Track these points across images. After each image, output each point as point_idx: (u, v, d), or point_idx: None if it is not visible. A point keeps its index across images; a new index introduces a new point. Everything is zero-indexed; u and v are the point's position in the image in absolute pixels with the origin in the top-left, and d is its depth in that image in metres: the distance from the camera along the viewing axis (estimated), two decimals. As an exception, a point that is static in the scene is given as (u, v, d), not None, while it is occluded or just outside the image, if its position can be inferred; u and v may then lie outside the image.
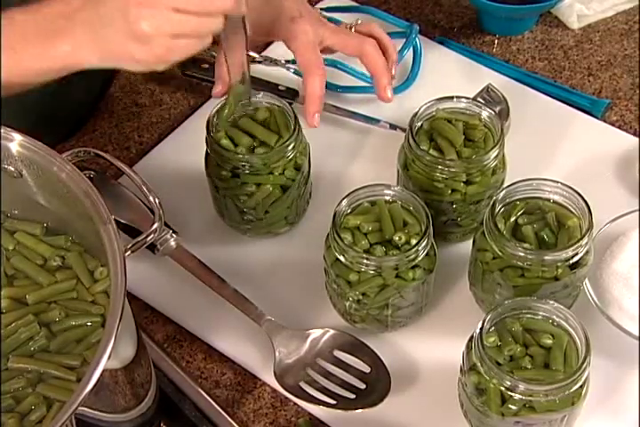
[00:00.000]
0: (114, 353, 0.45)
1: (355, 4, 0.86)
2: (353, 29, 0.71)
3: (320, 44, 0.67)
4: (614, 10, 0.84)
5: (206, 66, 0.80)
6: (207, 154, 0.66)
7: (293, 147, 0.64)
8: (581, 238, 0.58)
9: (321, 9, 0.84)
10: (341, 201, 0.61)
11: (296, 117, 0.64)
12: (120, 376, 0.51)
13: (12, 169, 0.53)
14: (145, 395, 0.56)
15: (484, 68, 0.80)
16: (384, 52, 0.69)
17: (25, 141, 0.52)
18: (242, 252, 0.70)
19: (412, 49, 0.79)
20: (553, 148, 0.75)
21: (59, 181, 0.52)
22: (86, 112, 0.80)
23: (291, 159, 0.64)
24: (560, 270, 0.59)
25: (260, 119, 0.65)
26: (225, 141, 0.64)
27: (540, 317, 0.56)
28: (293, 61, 0.80)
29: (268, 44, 0.83)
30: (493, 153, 0.63)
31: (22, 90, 0.58)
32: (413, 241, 0.59)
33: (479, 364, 0.54)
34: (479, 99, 0.74)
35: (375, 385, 0.62)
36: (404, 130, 0.72)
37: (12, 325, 0.52)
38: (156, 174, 0.74)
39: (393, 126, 0.76)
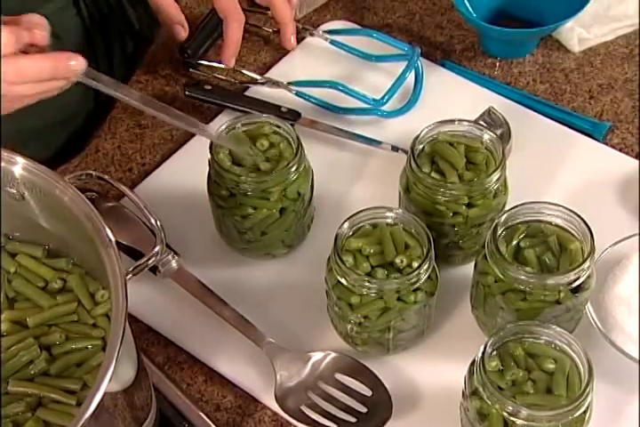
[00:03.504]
0: (114, 376, 0.45)
1: (357, 26, 0.86)
2: None
3: None
4: (615, 34, 0.84)
5: (209, 87, 0.80)
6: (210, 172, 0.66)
7: (295, 170, 0.64)
8: (583, 262, 0.58)
9: (324, 31, 0.85)
10: (343, 224, 0.61)
11: (299, 140, 0.64)
12: (120, 399, 0.51)
13: (15, 192, 0.54)
14: (145, 418, 0.56)
15: (486, 91, 0.80)
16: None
17: (28, 165, 0.52)
18: (243, 273, 0.70)
19: (413, 71, 0.80)
20: (554, 170, 0.75)
21: (61, 204, 0.52)
22: (89, 133, 0.80)
23: (291, 183, 0.64)
24: (562, 294, 0.59)
25: (262, 142, 0.65)
26: (226, 163, 0.64)
27: (542, 341, 0.56)
28: (295, 83, 0.81)
29: (270, 67, 0.84)
30: (495, 176, 0.63)
31: None
32: (415, 264, 0.59)
33: (481, 389, 0.54)
34: (481, 121, 0.74)
35: (376, 409, 0.62)
36: (405, 152, 0.72)
37: (13, 348, 0.52)
38: (158, 195, 0.74)
39: (395, 148, 0.76)
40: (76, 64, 0.54)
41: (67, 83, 0.56)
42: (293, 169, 0.64)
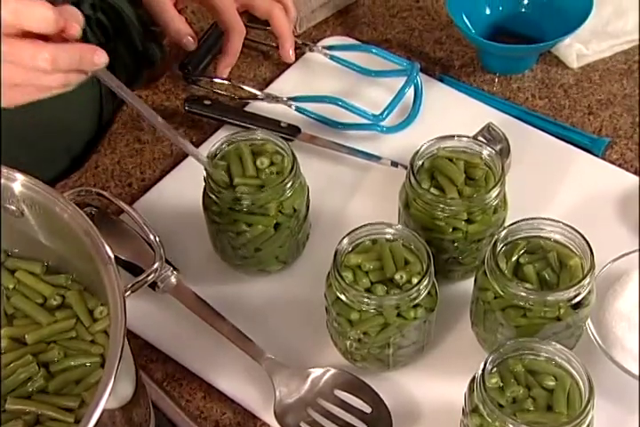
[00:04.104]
0: (112, 393, 0.45)
1: (356, 42, 0.86)
2: None
3: (235, 2, 0.76)
4: (613, 50, 0.85)
5: (208, 102, 0.81)
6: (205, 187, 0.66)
7: (290, 186, 0.64)
8: (583, 278, 0.58)
9: (323, 47, 0.85)
10: (342, 239, 0.60)
11: (294, 156, 0.64)
12: (118, 416, 0.51)
13: (14, 208, 0.54)
14: (143, 436, 0.56)
15: (485, 107, 0.81)
16: (286, 11, 0.78)
17: (27, 181, 0.52)
18: (242, 289, 0.70)
19: (413, 87, 0.80)
20: (554, 186, 0.75)
21: (60, 221, 0.52)
22: (89, 149, 0.80)
23: (286, 200, 0.64)
24: (562, 311, 0.59)
25: (259, 158, 0.65)
26: (221, 178, 0.64)
27: (542, 358, 0.56)
28: (295, 98, 0.81)
29: (269, 82, 0.84)
30: (494, 192, 0.63)
31: None
32: (415, 280, 0.59)
33: (481, 406, 0.54)
34: (480, 137, 0.74)
35: (376, 426, 0.61)
36: (405, 167, 0.72)
37: (11, 365, 0.52)
38: (157, 211, 0.74)
39: (394, 163, 0.76)
40: (99, 58, 0.53)
41: (84, 77, 0.54)
42: (289, 185, 0.64)
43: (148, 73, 0.83)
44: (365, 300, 0.58)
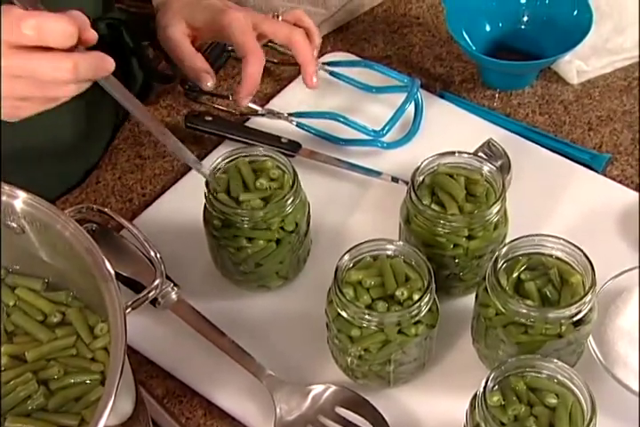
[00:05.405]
0: (112, 410, 0.45)
1: (357, 58, 0.87)
2: (280, 18, 0.75)
3: (254, 30, 0.72)
4: (613, 66, 0.85)
5: (209, 118, 0.81)
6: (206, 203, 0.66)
7: (291, 202, 0.64)
8: (585, 295, 0.58)
9: (323, 63, 0.85)
10: (343, 255, 0.60)
11: (295, 173, 0.64)
12: (118, 434, 0.50)
13: (15, 225, 0.54)
14: (143, 453, 0.55)
15: (485, 122, 0.81)
16: (309, 39, 0.74)
17: (29, 199, 0.52)
18: (242, 305, 0.70)
19: (413, 103, 0.80)
20: (554, 202, 0.75)
21: (61, 238, 0.52)
22: (90, 164, 0.80)
23: (287, 216, 0.64)
24: (564, 328, 0.58)
25: (260, 174, 0.65)
26: (221, 194, 0.64)
27: (544, 375, 0.56)
28: (296, 114, 0.81)
29: (270, 98, 0.84)
30: (495, 208, 0.63)
31: None
32: (416, 296, 0.59)
33: (483, 424, 0.53)
34: (480, 153, 0.74)
35: (377, 444, 0.61)
36: (405, 182, 0.72)
37: (11, 383, 0.51)
38: (158, 226, 0.74)
39: (395, 179, 0.76)
40: (110, 64, 0.51)
41: (89, 85, 0.52)
42: (289, 201, 0.64)
43: (161, 88, 0.83)
44: (366, 316, 0.58)
